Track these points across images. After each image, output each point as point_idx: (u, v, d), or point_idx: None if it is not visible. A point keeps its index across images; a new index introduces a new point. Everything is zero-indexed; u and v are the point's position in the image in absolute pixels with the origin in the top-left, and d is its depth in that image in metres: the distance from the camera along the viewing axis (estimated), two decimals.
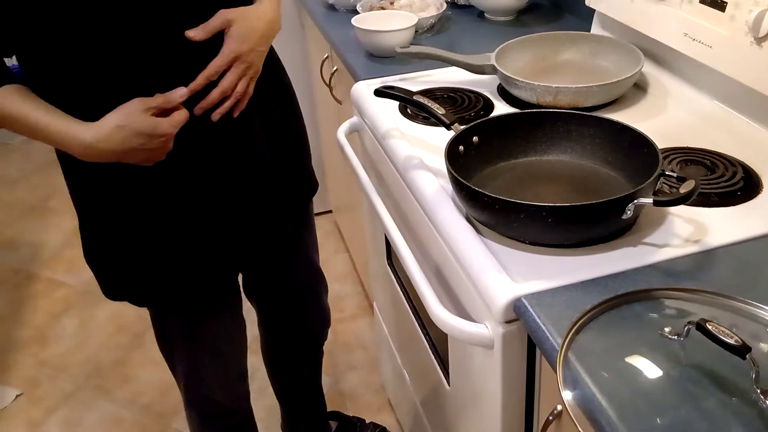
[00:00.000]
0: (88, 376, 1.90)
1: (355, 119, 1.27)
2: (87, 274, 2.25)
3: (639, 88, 1.20)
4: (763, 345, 0.67)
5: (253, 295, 1.31)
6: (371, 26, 1.37)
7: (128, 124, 0.85)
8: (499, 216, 0.81)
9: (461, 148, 0.93)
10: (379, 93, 1.04)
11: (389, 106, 1.18)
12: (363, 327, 1.99)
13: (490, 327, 0.80)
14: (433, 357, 1.12)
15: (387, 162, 1.11)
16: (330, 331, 1.42)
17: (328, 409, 1.60)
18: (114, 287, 1.05)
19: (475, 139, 0.95)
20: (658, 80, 1.21)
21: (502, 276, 0.78)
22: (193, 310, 1.10)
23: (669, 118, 1.11)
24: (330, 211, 2.34)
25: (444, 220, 0.90)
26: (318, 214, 2.33)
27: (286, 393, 1.49)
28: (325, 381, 1.62)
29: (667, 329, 0.66)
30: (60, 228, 2.55)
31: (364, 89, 1.25)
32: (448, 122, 0.96)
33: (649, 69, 1.23)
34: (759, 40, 0.98)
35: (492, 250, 0.83)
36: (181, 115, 0.90)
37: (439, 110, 0.96)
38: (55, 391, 1.86)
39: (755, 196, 0.90)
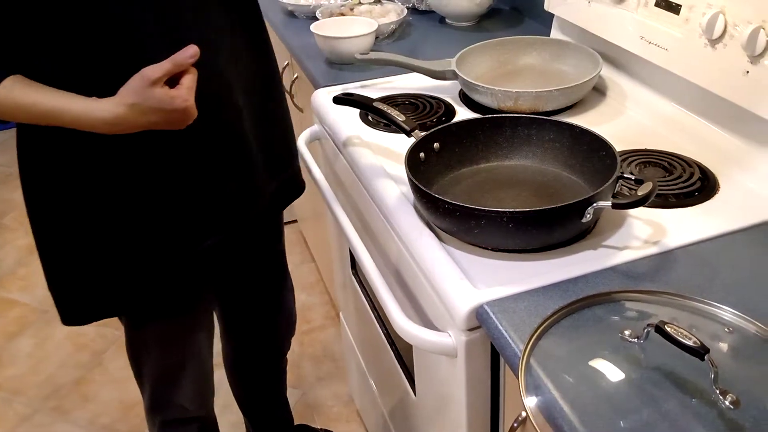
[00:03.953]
0: (45, 397, 1.84)
1: (315, 127, 1.25)
2: (43, 292, 2.20)
3: (598, 91, 1.21)
4: (722, 345, 0.67)
5: (217, 299, 1.29)
6: (331, 33, 1.36)
7: (141, 102, 0.82)
8: (460, 223, 0.81)
9: (422, 154, 0.93)
10: (338, 100, 1.03)
11: (350, 113, 1.17)
12: (330, 337, 1.97)
13: (453, 335, 0.79)
14: (398, 366, 1.11)
15: (348, 170, 1.09)
16: (297, 342, 1.39)
17: (296, 422, 1.57)
18: (83, 306, 1.01)
19: (435, 145, 0.95)
20: (617, 83, 1.22)
21: (464, 283, 0.77)
22: (171, 312, 1.07)
23: (628, 120, 1.12)
24: (295, 221, 2.31)
25: (405, 228, 0.88)
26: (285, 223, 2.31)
27: (251, 406, 1.47)
28: (293, 393, 1.60)
29: (627, 332, 0.66)
30: (14, 245, 2.47)
31: (324, 97, 1.23)
32: (408, 129, 0.95)
33: (607, 73, 1.24)
34: (713, 42, 0.99)
35: (454, 257, 0.82)
36: (189, 79, 0.84)
37: (399, 117, 0.96)
38: (11, 414, 1.80)
39: (712, 196, 0.91)
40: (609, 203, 0.78)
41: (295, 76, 1.60)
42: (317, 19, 1.51)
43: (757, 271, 0.78)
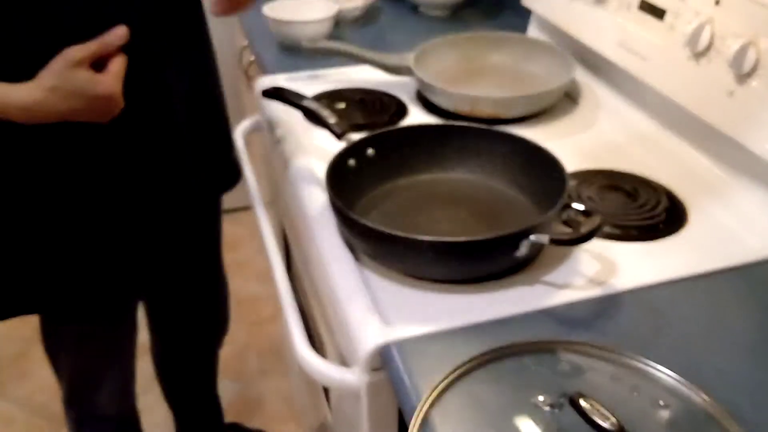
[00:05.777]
0: None
1: (258, 117, 1.15)
2: None
3: (570, 98, 1.10)
4: (661, 414, 0.58)
5: (145, 292, 1.20)
6: (284, 15, 1.24)
7: (62, 85, 0.73)
8: (377, 247, 0.71)
9: (352, 161, 0.83)
10: (267, 94, 0.92)
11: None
12: (279, 331, 1.88)
13: (356, 373, 0.69)
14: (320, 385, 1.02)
15: (281, 169, 0.99)
16: (244, 333, 1.31)
17: (234, 417, 1.49)
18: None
19: (370, 151, 0.85)
20: (592, 91, 1.11)
21: (372, 316, 0.67)
22: (93, 312, 0.99)
23: (597, 134, 1.01)
24: None
25: (324, 244, 0.78)
26: (244, 209, 2.19)
27: (179, 402, 1.39)
28: (233, 386, 1.52)
29: (541, 398, 0.57)
30: None
31: (268, 85, 1.12)
32: (339, 132, 0.84)
33: (584, 78, 1.13)
34: (697, 56, 0.89)
35: (369, 284, 0.72)
36: (117, 64, 0.76)
37: (330, 118, 0.85)
38: None
39: (678, 230, 0.81)
40: (546, 238, 0.68)
41: (252, 58, 1.49)
42: None
43: (711, 327, 0.68)
